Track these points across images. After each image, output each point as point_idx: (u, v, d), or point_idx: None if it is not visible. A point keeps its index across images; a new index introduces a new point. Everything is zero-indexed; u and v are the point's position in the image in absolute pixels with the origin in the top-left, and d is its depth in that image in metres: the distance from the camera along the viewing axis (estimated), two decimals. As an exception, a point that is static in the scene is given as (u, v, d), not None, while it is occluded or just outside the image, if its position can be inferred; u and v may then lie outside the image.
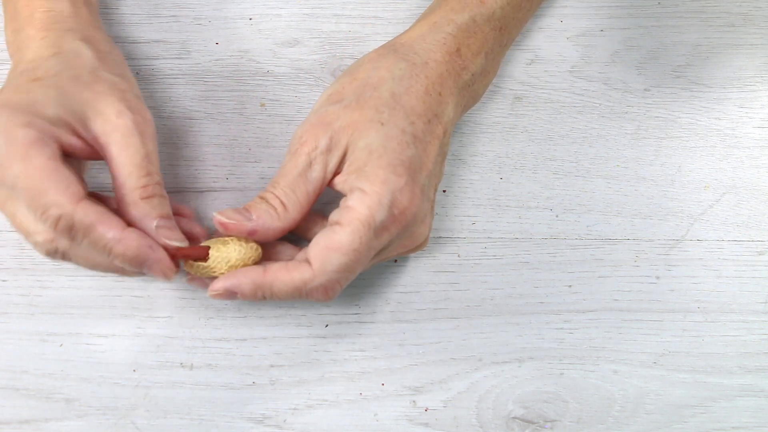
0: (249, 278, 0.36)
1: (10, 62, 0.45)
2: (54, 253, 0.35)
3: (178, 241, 0.36)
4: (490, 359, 0.42)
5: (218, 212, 0.37)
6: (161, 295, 0.42)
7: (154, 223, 0.36)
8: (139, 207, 0.36)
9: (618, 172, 0.46)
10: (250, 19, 0.47)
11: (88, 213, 0.34)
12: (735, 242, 0.45)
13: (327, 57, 0.47)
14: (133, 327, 0.42)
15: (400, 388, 0.42)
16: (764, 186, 0.46)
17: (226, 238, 0.37)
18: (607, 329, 0.43)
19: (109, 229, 0.34)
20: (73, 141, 0.36)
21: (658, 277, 0.44)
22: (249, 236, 0.37)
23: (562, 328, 0.43)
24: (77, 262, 0.36)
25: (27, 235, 0.35)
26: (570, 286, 0.44)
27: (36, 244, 0.35)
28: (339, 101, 0.38)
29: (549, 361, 0.42)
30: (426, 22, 0.41)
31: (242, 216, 0.37)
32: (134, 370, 0.41)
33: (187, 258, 0.37)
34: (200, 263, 0.37)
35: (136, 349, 0.41)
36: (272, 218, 0.37)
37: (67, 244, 0.35)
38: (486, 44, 0.41)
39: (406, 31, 0.42)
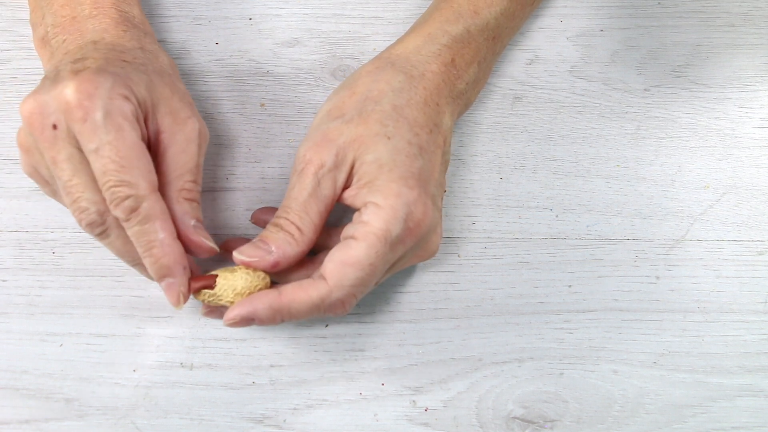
0: (265, 303, 0.36)
1: (10, 63, 0.46)
2: (97, 226, 0.35)
3: (211, 243, 0.37)
4: (490, 359, 0.42)
5: (237, 251, 0.37)
6: (161, 295, 0.42)
7: (192, 222, 0.37)
8: (181, 204, 0.37)
9: (618, 172, 0.46)
10: (250, 19, 0.47)
11: (156, 206, 0.35)
12: (735, 242, 0.45)
13: (327, 57, 0.47)
14: (133, 327, 0.42)
15: (400, 388, 0.42)
16: (764, 186, 0.46)
17: (234, 267, 0.37)
18: (607, 329, 0.43)
19: (163, 230, 0.35)
20: (143, 128, 0.36)
21: (658, 277, 0.44)
22: (272, 269, 0.37)
23: (562, 328, 0.43)
24: (110, 242, 0.36)
25: (77, 200, 0.35)
26: (570, 286, 0.44)
27: (83, 210, 0.35)
28: (340, 117, 0.38)
29: (549, 361, 0.42)
30: (420, 33, 0.41)
31: (262, 251, 0.36)
32: (134, 370, 0.41)
33: (195, 286, 0.37)
34: (207, 290, 0.37)
35: (136, 349, 0.41)
36: (291, 245, 0.37)
37: (115, 222, 0.35)
38: (479, 54, 0.42)
39: (400, 42, 0.41)
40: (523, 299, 0.43)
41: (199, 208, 0.38)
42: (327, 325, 0.42)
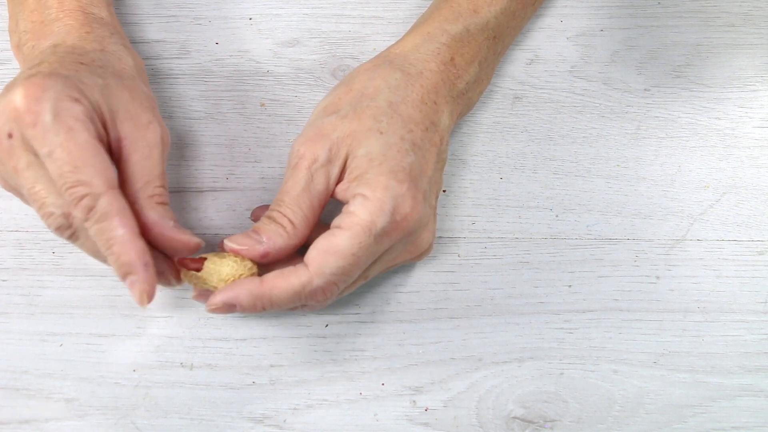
0: (247, 289, 0.36)
1: (10, 63, 0.46)
2: (65, 229, 0.35)
3: (196, 238, 0.37)
4: (490, 359, 0.42)
5: (228, 239, 0.37)
6: (161, 295, 0.42)
7: (171, 223, 0.36)
8: (156, 209, 0.36)
9: (618, 172, 0.46)
10: (250, 19, 0.47)
11: (113, 202, 0.34)
12: (735, 242, 0.45)
13: (327, 57, 0.47)
14: (133, 327, 0.42)
15: (400, 388, 0.42)
16: (764, 186, 0.46)
17: (224, 252, 0.37)
18: (607, 329, 0.43)
19: (122, 226, 0.34)
20: (101, 132, 0.36)
21: (658, 277, 0.44)
22: (262, 259, 0.37)
23: (562, 328, 0.43)
24: (82, 244, 0.36)
25: (42, 206, 0.35)
26: (570, 286, 0.44)
27: (49, 216, 0.35)
28: (335, 112, 0.38)
29: (549, 361, 0.42)
30: (420, 32, 0.41)
31: (253, 240, 0.37)
32: (134, 370, 0.41)
33: (183, 267, 0.37)
34: (193, 273, 0.37)
35: (136, 349, 0.41)
36: (282, 237, 0.37)
37: (80, 224, 0.35)
38: (480, 53, 0.42)
39: (399, 42, 0.42)
40: (523, 299, 0.43)
41: (171, 211, 0.37)
42: (327, 325, 0.42)
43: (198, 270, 0.37)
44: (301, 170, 0.37)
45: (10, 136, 0.34)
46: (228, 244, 0.37)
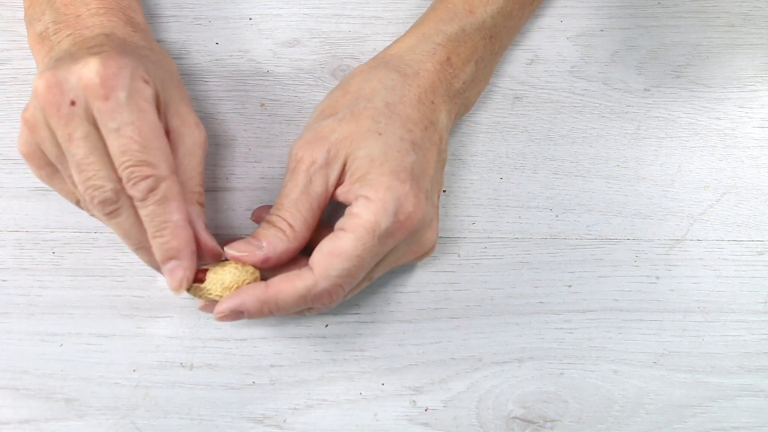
0: (253, 295, 0.36)
1: (10, 63, 0.46)
2: (110, 204, 0.35)
3: (219, 247, 0.37)
4: (490, 359, 0.42)
5: (228, 246, 0.37)
6: (161, 295, 0.42)
7: (203, 226, 0.37)
8: (194, 208, 0.37)
9: (618, 172, 0.46)
10: (250, 19, 0.47)
11: (174, 187, 0.35)
12: (735, 242, 0.45)
13: (327, 57, 0.47)
14: (133, 327, 0.42)
15: (400, 388, 0.42)
16: (764, 186, 0.46)
17: (225, 261, 0.37)
18: (607, 329, 0.43)
19: (178, 212, 0.35)
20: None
21: (658, 277, 0.44)
22: (263, 265, 0.37)
23: (562, 328, 0.43)
24: (119, 222, 0.36)
25: (91, 177, 0.34)
26: (570, 286, 0.44)
27: (97, 188, 0.34)
28: (333, 115, 0.38)
29: (549, 361, 0.43)
30: (415, 33, 0.41)
31: (252, 246, 0.37)
32: (134, 370, 0.41)
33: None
34: (198, 285, 0.37)
35: (136, 349, 0.42)
36: (282, 241, 0.37)
37: (128, 201, 0.35)
38: (476, 53, 0.42)
39: (395, 43, 0.42)
40: (523, 299, 0.43)
41: (204, 214, 0.38)
42: (327, 325, 0.42)
43: (201, 281, 0.37)
44: (299, 173, 0.37)
45: (73, 103, 0.34)
46: (228, 251, 0.37)
